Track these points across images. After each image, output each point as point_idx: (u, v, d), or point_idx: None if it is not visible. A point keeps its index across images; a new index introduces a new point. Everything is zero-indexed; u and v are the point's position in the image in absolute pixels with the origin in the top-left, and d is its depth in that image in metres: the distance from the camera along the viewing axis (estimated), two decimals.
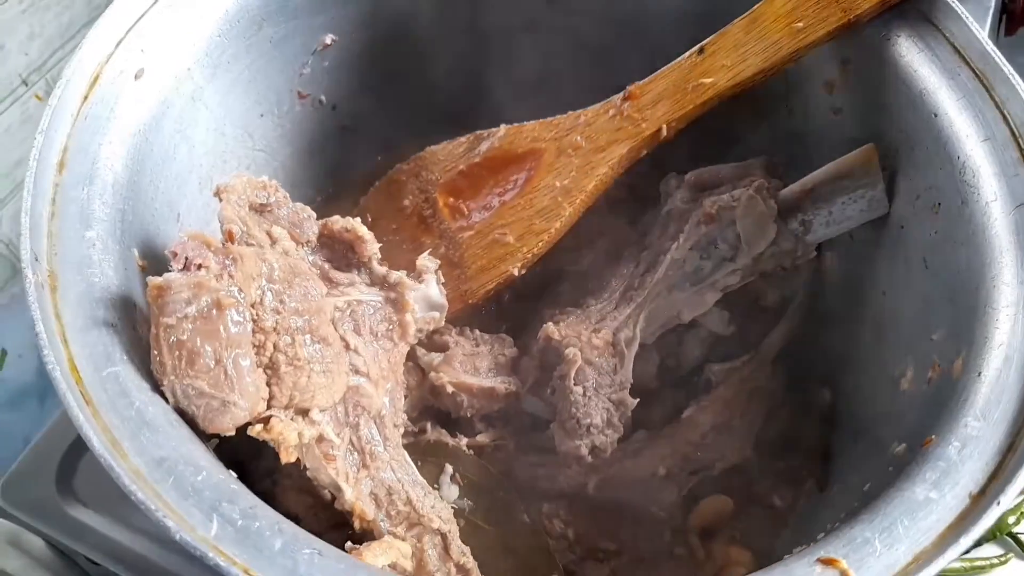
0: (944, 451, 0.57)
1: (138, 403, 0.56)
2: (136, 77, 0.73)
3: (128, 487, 0.50)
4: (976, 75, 0.75)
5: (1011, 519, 1.02)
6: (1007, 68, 0.73)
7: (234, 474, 0.58)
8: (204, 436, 0.60)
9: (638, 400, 0.83)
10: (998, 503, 0.52)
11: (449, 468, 0.82)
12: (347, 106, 1.02)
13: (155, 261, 0.73)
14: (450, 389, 0.84)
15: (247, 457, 0.82)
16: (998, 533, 1.02)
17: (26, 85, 1.29)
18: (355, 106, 1.03)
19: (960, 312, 0.68)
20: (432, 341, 0.89)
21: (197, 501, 0.52)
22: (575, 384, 0.81)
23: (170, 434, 0.55)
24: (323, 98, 0.99)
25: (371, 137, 1.06)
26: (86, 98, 0.69)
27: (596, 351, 0.82)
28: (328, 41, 0.94)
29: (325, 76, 0.97)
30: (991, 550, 1.01)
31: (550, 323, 0.85)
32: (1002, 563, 1.00)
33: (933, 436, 0.59)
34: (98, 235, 0.64)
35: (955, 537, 0.52)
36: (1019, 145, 0.70)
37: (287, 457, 0.62)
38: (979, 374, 0.61)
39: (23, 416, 1.21)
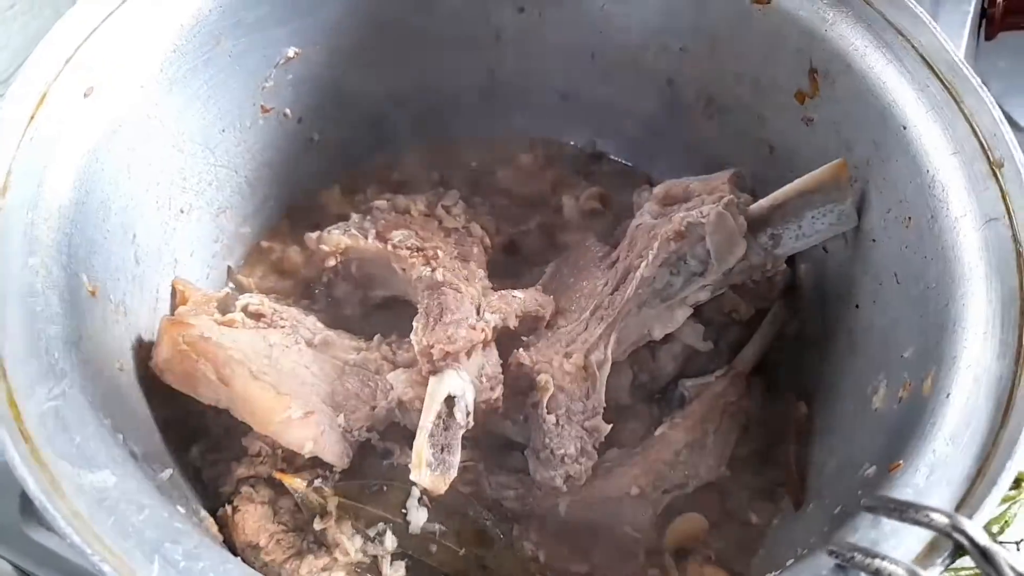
0: (911, 477, 0.56)
1: (79, 439, 0.54)
2: (85, 95, 0.71)
3: (64, 530, 0.48)
4: (945, 87, 0.74)
5: (995, 528, 1.01)
6: (975, 80, 0.72)
7: (182, 509, 0.56)
8: (153, 469, 0.58)
9: (612, 425, 0.81)
10: None
11: (416, 491, 0.80)
12: (313, 118, 1.00)
13: (105, 285, 0.71)
14: (418, 405, 0.82)
15: (211, 479, 0.81)
16: None
17: None
18: (321, 118, 1.01)
19: (930, 329, 0.67)
20: (399, 358, 0.87)
21: (139, 542, 0.50)
22: (548, 413, 0.79)
23: (113, 470, 0.53)
24: (288, 111, 0.97)
25: (338, 150, 1.05)
26: (32, 119, 0.67)
27: (568, 376, 0.80)
28: (291, 54, 0.92)
29: (289, 89, 0.95)
30: None
31: (520, 349, 0.83)
32: None
33: (901, 461, 0.58)
34: (42, 262, 0.62)
35: (924, 566, 0.51)
36: (988, 158, 0.69)
37: None
38: (947, 395, 0.60)
39: None
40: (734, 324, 0.96)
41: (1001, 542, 1.00)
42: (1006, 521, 1.01)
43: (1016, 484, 1.05)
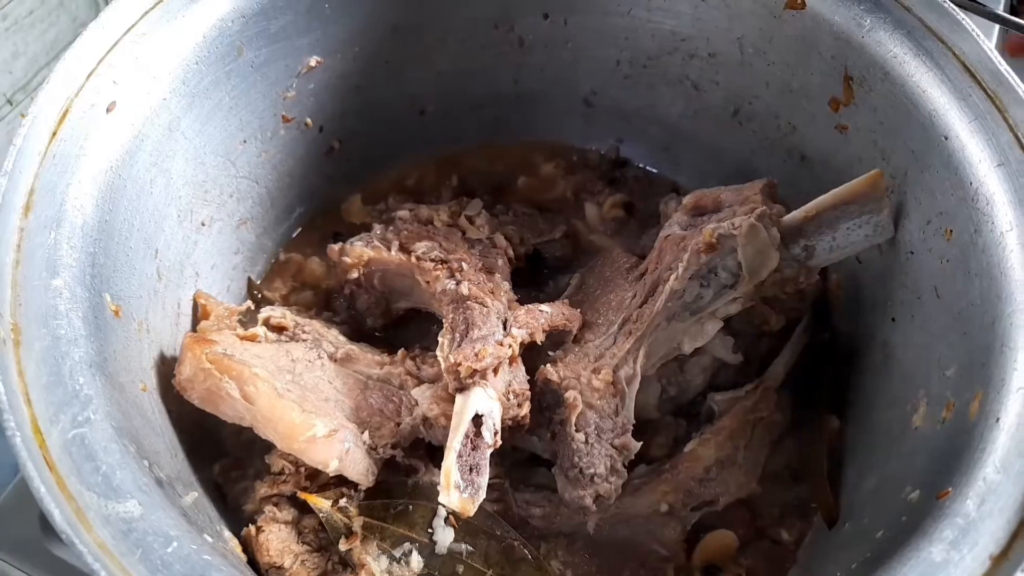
0: (962, 506, 0.54)
1: (104, 467, 0.53)
2: (108, 110, 0.70)
3: (91, 565, 0.47)
4: (988, 96, 0.71)
5: None
6: (1021, 88, 0.70)
7: (209, 538, 0.55)
8: (178, 493, 0.57)
9: (641, 443, 0.79)
10: (1022, 568, 0.48)
11: (442, 511, 0.78)
12: (334, 128, 0.99)
13: (129, 303, 0.70)
14: (443, 422, 0.80)
15: (233, 498, 0.80)
16: None
17: (11, 104, 1.26)
18: (342, 127, 0.99)
19: (975, 348, 0.65)
20: (423, 372, 0.85)
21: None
22: (576, 431, 0.77)
23: (140, 500, 0.52)
24: (309, 120, 0.96)
25: (359, 159, 1.03)
26: (54, 135, 0.66)
27: (597, 393, 0.79)
28: (313, 63, 0.90)
29: (311, 98, 0.94)
30: None
31: (548, 364, 0.81)
32: None
33: (950, 488, 0.56)
34: (65, 283, 0.61)
35: None
36: None
37: None
38: (997, 420, 0.58)
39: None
40: (764, 336, 0.93)
41: None
42: None
43: None
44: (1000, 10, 1.24)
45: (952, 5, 0.75)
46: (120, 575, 0.47)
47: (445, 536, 0.78)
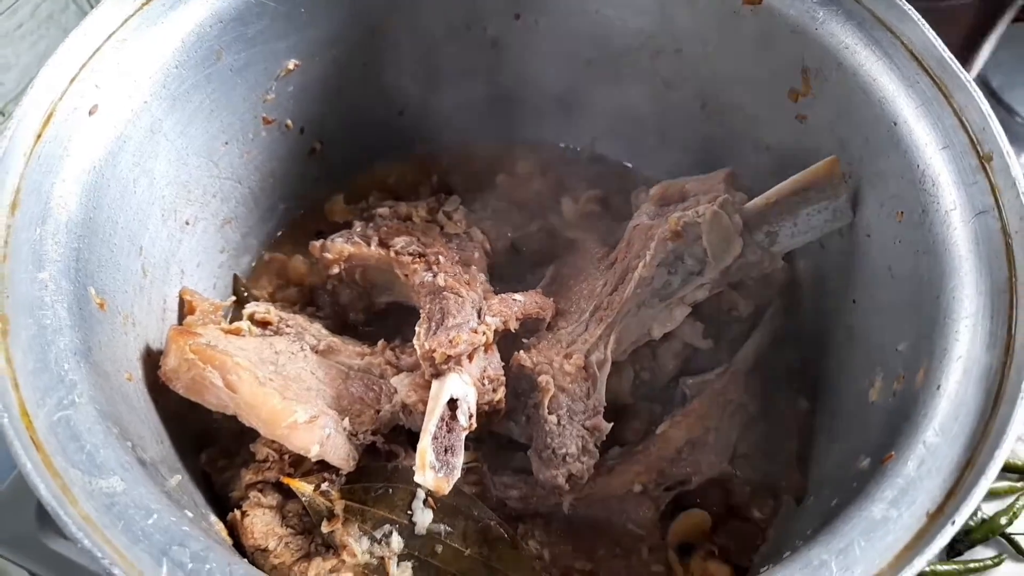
0: (903, 468, 0.57)
1: (88, 446, 0.55)
2: (91, 113, 0.73)
3: (75, 534, 0.50)
4: (935, 82, 0.75)
5: (1003, 520, 1.01)
6: (964, 75, 0.73)
7: (190, 514, 0.57)
8: (162, 475, 0.60)
9: (612, 424, 0.82)
10: (952, 522, 0.51)
11: (421, 492, 0.81)
12: (314, 129, 1.02)
13: (114, 297, 0.73)
14: (421, 408, 0.83)
15: (221, 485, 0.82)
16: (991, 534, 1.01)
17: (3, 115, 1.30)
18: (322, 128, 1.03)
19: (923, 322, 0.68)
20: (402, 362, 0.88)
21: (147, 545, 0.52)
22: (549, 413, 0.80)
23: (122, 476, 0.55)
24: (290, 122, 0.99)
25: (339, 158, 1.06)
26: (39, 137, 0.69)
27: (568, 377, 0.82)
28: (291, 66, 0.94)
29: (291, 100, 0.97)
30: (984, 551, 1.01)
31: (521, 351, 0.84)
32: (996, 564, 1.00)
33: (893, 452, 0.59)
34: (51, 276, 0.64)
35: (911, 557, 0.52)
36: (978, 152, 0.70)
37: None
38: (938, 387, 0.61)
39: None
40: (734, 322, 0.96)
41: (1009, 534, 1.01)
42: (1014, 513, 1.02)
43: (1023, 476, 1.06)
44: None
45: None
46: (103, 544, 0.50)
47: (424, 517, 0.80)
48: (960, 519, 0.52)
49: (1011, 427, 0.56)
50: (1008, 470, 1.06)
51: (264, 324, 0.90)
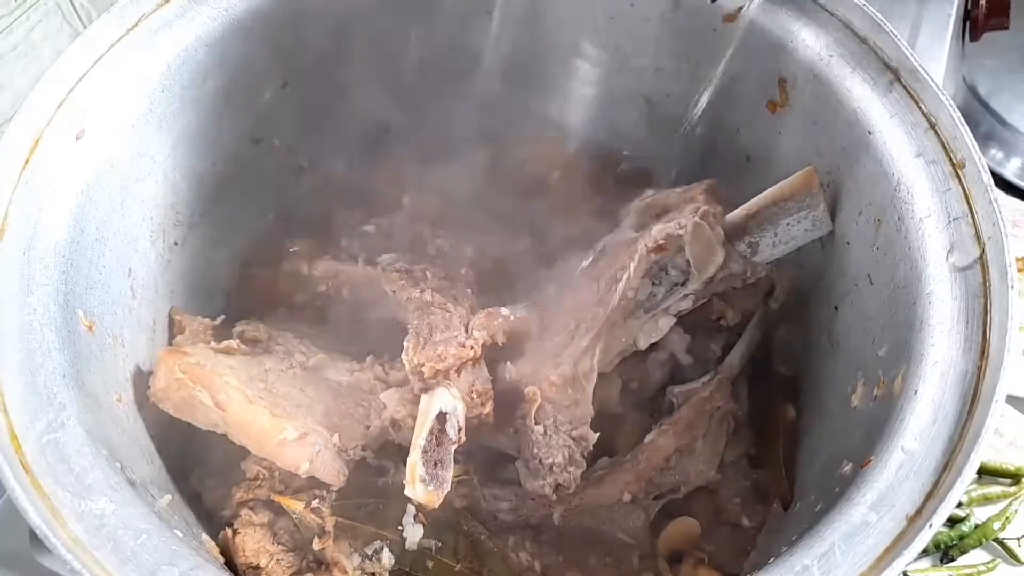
0: (882, 472, 0.58)
1: (77, 468, 0.56)
2: (78, 137, 0.74)
3: (64, 556, 0.50)
4: (907, 91, 0.76)
5: (996, 525, 1.02)
6: (935, 84, 0.74)
7: (180, 533, 0.58)
8: (152, 495, 0.61)
9: (599, 434, 0.83)
10: (931, 525, 0.52)
11: (412, 508, 0.82)
12: (302, 147, 1.03)
13: (103, 319, 0.73)
14: (411, 423, 0.84)
15: (212, 504, 0.83)
16: (984, 540, 1.01)
17: None
18: (310, 146, 1.04)
19: (901, 328, 0.69)
20: (391, 377, 0.89)
21: (136, 565, 0.52)
22: (535, 423, 0.81)
23: (111, 498, 0.56)
24: (277, 141, 1.00)
25: (328, 176, 1.07)
26: (27, 163, 0.70)
27: (555, 388, 0.82)
28: (277, 87, 0.95)
29: (278, 119, 0.98)
30: (978, 556, 1.01)
31: (508, 363, 0.85)
32: (989, 570, 1.00)
33: (872, 457, 0.60)
34: (39, 300, 0.64)
35: (891, 560, 0.53)
36: (950, 159, 0.71)
37: None
38: (915, 392, 0.62)
39: None
40: (722, 330, 0.97)
41: (1003, 539, 1.01)
42: (1007, 518, 1.02)
43: (1016, 480, 1.07)
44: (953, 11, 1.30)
45: (872, 9, 0.80)
46: (92, 566, 0.51)
47: (415, 533, 0.81)
48: (938, 522, 0.53)
49: (986, 430, 0.57)
50: (1000, 475, 1.06)
51: (254, 342, 0.91)
